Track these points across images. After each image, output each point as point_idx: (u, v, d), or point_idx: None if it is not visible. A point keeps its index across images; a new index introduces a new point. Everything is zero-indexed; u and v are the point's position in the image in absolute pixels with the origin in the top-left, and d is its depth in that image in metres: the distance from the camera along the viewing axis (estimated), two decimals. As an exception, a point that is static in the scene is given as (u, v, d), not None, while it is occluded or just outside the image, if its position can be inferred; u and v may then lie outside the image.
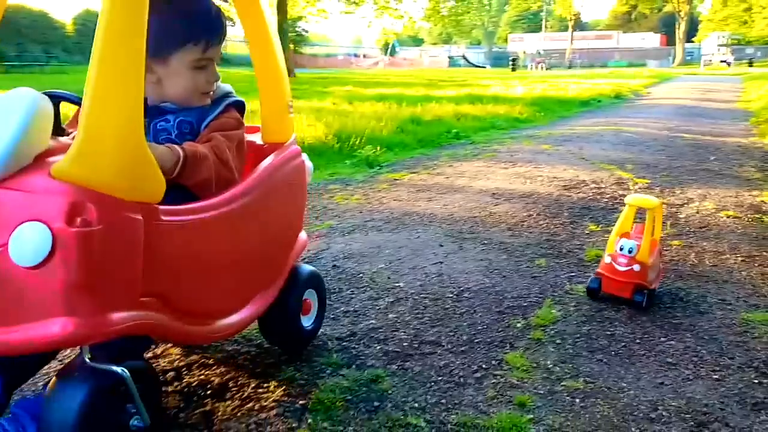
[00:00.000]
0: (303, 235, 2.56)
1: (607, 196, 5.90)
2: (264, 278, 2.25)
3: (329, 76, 30.54)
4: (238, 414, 2.24)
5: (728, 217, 5.18)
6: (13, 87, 1.64)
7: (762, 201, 5.74)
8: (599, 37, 74.00)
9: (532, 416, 2.30)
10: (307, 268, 2.62)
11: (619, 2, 76.98)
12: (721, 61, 55.56)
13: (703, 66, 55.30)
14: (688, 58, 64.87)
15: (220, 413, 2.24)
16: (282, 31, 27.98)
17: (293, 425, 2.18)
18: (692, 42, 70.16)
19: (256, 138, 2.39)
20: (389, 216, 5.09)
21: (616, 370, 2.67)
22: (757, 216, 5.22)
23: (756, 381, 2.63)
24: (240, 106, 2.25)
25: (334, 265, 3.87)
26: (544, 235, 4.62)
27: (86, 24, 38.96)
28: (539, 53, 60.68)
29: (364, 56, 59.03)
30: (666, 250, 4.27)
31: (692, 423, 2.30)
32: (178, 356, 2.65)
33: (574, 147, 9.04)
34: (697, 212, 5.32)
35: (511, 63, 50.46)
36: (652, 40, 70.37)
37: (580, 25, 78.26)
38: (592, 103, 18.05)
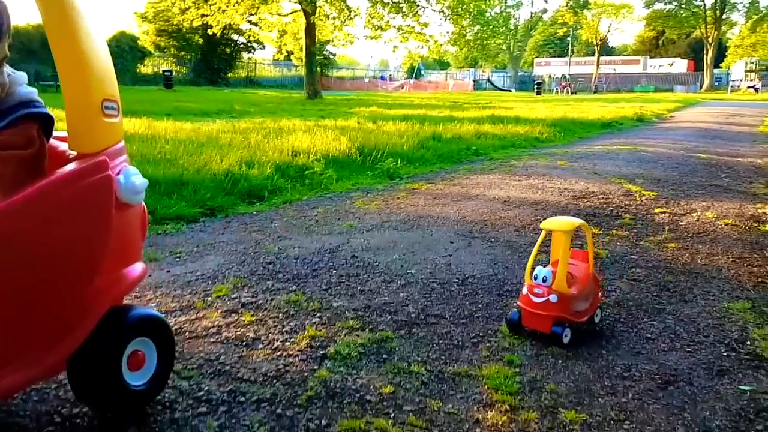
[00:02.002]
0: (136, 267, 2.05)
1: (614, 205, 6.24)
2: (43, 325, 1.77)
3: (355, 98, 31.32)
4: (269, 359, 2.67)
5: (727, 225, 5.48)
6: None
7: (764, 212, 6.02)
8: (626, 62, 74.04)
9: (518, 370, 2.68)
10: (142, 311, 2.10)
11: (646, 27, 76.97)
12: (749, 87, 55.24)
13: (730, 91, 55.04)
14: (716, 83, 64.54)
15: (254, 357, 2.67)
16: (310, 55, 28.88)
17: (314, 368, 2.60)
18: (720, 68, 69.80)
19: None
20: (405, 218, 5.51)
21: (597, 342, 3.03)
22: (755, 225, 5.52)
23: (725, 354, 2.97)
24: (44, 119, 1.93)
25: (353, 256, 4.29)
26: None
27: (120, 45, 40.53)
28: (565, 77, 61.04)
29: (383, 77, 60.05)
30: (661, 252, 4.61)
31: (659, 381, 2.66)
32: (217, 317, 3.09)
33: (588, 163, 9.37)
34: (698, 220, 5.64)
35: (536, 87, 50.82)
36: (680, 65, 70.18)
37: (607, 50, 78.30)
38: (613, 125, 18.30)
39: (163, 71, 37.97)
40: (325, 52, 47.60)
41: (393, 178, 7.87)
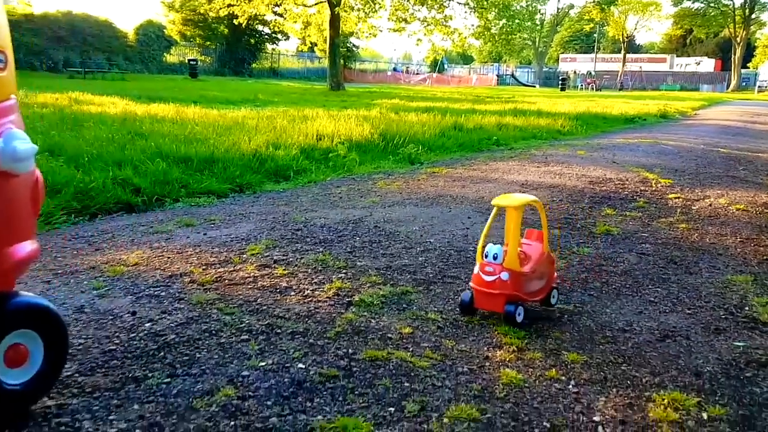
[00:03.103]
0: (24, 246, 1.76)
1: (629, 190, 6.41)
2: None
3: (377, 91, 31.55)
4: (301, 303, 2.94)
5: (738, 210, 5.64)
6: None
7: (777, 201, 6.15)
8: (652, 60, 73.17)
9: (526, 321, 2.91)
10: (27, 299, 1.82)
11: (674, 26, 75.94)
12: (777, 87, 54.34)
13: (757, 91, 54.22)
14: (744, 83, 63.56)
15: (287, 301, 2.94)
16: (333, 46, 29.12)
17: (341, 311, 2.87)
18: (748, 68, 68.68)
19: None
20: (425, 196, 5.75)
21: (603, 302, 3.26)
22: (766, 211, 5.66)
23: (723, 317, 3.17)
24: None
25: (376, 226, 4.55)
26: (563, 214, 5.20)
27: (147, 34, 41.12)
28: (590, 74, 60.52)
29: (407, 70, 60.03)
30: (672, 231, 4.80)
31: (658, 335, 2.87)
32: (252, 270, 3.38)
33: (607, 153, 9.51)
34: (710, 206, 5.80)
35: (560, 83, 50.54)
36: (707, 64, 69.19)
37: (633, 48, 77.39)
38: (636, 120, 18.30)
39: (189, 60, 38.49)
40: (348, 45, 47.81)
41: (414, 164, 8.10)
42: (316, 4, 30.25)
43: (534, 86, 60.86)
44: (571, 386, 2.33)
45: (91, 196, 5.08)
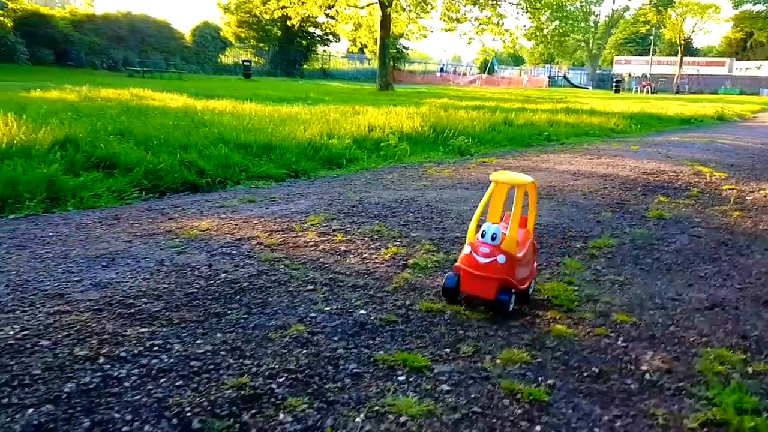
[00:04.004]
0: None
1: (683, 181, 6.38)
2: None
3: (426, 91, 31.66)
4: (360, 263, 3.13)
5: (796, 201, 5.55)
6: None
7: (837, 194, 6.02)
8: (710, 63, 70.77)
9: (576, 288, 3.02)
10: None
11: (734, 29, 73.34)
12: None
13: (824, 96, 51.84)
14: (809, 88, 60.77)
15: (347, 261, 3.13)
16: (383, 47, 29.37)
17: (398, 271, 3.04)
18: (813, 71, 65.66)
19: None
20: (475, 181, 5.87)
21: (654, 276, 3.32)
22: (826, 203, 5.56)
23: (774, 293, 3.19)
24: None
25: (428, 205, 4.71)
26: (615, 200, 5.24)
27: (203, 35, 42.29)
28: (645, 76, 59.06)
29: (455, 70, 59.82)
30: (724, 218, 4.78)
31: (707, 304, 2.94)
32: (313, 236, 3.59)
33: (662, 149, 9.40)
34: (765, 197, 5.72)
35: (614, 85, 49.52)
36: (768, 68, 66.50)
37: (690, 50, 75.03)
38: (692, 121, 17.87)
39: (243, 61, 39.42)
40: (398, 46, 48.07)
41: (464, 155, 8.20)
42: (367, 5, 30.59)
43: (587, 88, 59.75)
44: (619, 342, 2.44)
45: (160, 176, 5.39)
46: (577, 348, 2.35)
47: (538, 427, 1.80)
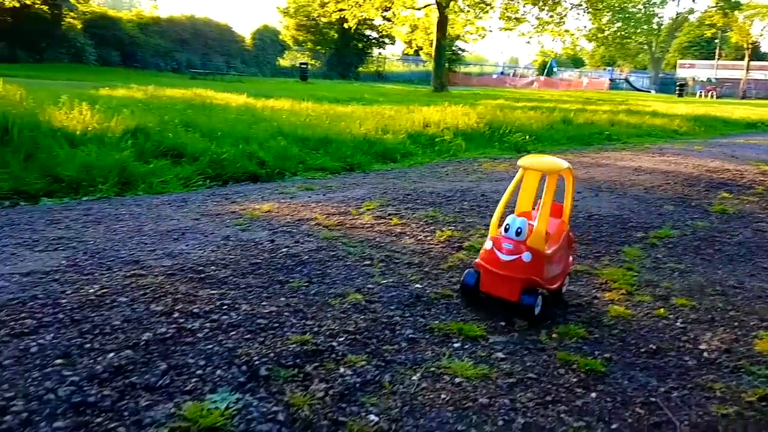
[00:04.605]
0: None
1: (747, 179, 6.17)
2: None
3: (481, 93, 31.46)
4: (415, 244, 3.19)
5: None
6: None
7: None
8: (780, 68, 67.53)
9: (635, 274, 2.99)
10: None
11: (809, 30, 69.67)
12: None
13: None
14: None
15: (402, 242, 3.20)
16: (439, 48, 29.35)
17: (452, 252, 3.09)
18: None
19: None
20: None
21: (715, 265, 3.25)
22: None
23: None
24: None
25: (482, 195, 4.73)
26: (677, 194, 5.12)
27: (263, 38, 43.23)
28: (710, 80, 56.91)
29: (514, 73, 59.04)
30: (795, 214, 4.61)
31: (773, 293, 2.86)
32: (369, 219, 3.67)
33: (726, 150, 9.09)
34: (840, 195, 5.47)
35: (678, 89, 47.95)
36: None
37: (758, 55, 71.76)
38: (759, 125, 17.14)
39: (300, 64, 40.09)
40: (454, 48, 47.90)
41: (520, 151, 8.14)
42: (424, 6, 30.65)
43: (649, 92, 57.99)
44: (678, 323, 2.41)
45: (224, 165, 5.59)
46: (635, 327, 2.34)
47: (593, 394, 1.82)
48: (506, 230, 2.31)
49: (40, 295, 2.22)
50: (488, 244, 2.32)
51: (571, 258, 2.60)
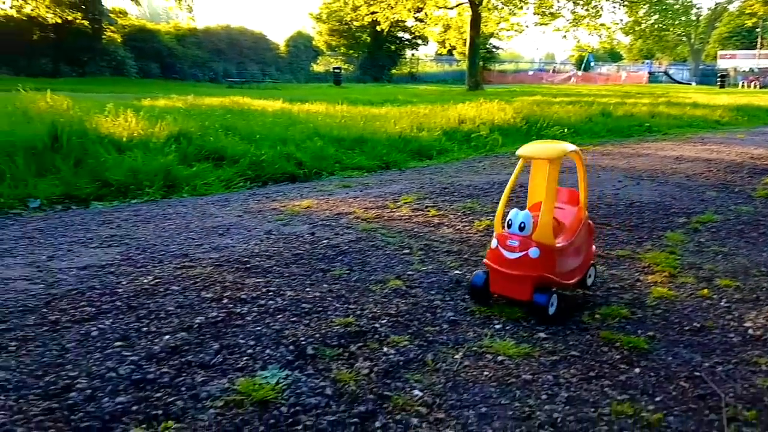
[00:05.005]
0: None
1: (795, 164, 6.00)
2: None
3: (517, 90, 31.20)
4: (453, 233, 3.22)
5: None
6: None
7: None
8: (829, 54, 64.96)
9: (678, 257, 2.96)
10: None
11: None
12: None
13: None
14: None
15: (441, 231, 3.24)
16: (473, 46, 29.21)
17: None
18: None
19: None
20: (572, 166, 5.78)
21: (759, 248, 3.19)
22: None
23: None
24: None
25: (521, 186, 4.70)
26: (720, 181, 5.02)
27: (297, 45, 43.73)
28: (752, 71, 55.15)
29: (554, 71, 58.20)
30: None
31: (822, 273, 2.79)
32: (407, 212, 3.72)
33: (772, 137, 8.84)
34: None
35: (719, 80, 46.62)
36: None
37: (806, 40, 69.11)
38: (806, 113, 16.58)
39: (333, 69, 40.42)
40: (488, 46, 47.58)
41: (558, 145, 8.07)
42: (456, 5, 30.57)
43: (690, 84, 56.50)
44: (722, 303, 2.39)
45: (263, 167, 5.72)
46: (678, 307, 2.33)
47: (637, 369, 1.83)
48: (509, 226, 2.15)
49: (97, 286, 2.34)
50: (494, 243, 2.18)
51: (594, 248, 2.42)
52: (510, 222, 2.15)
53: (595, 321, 2.17)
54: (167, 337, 1.90)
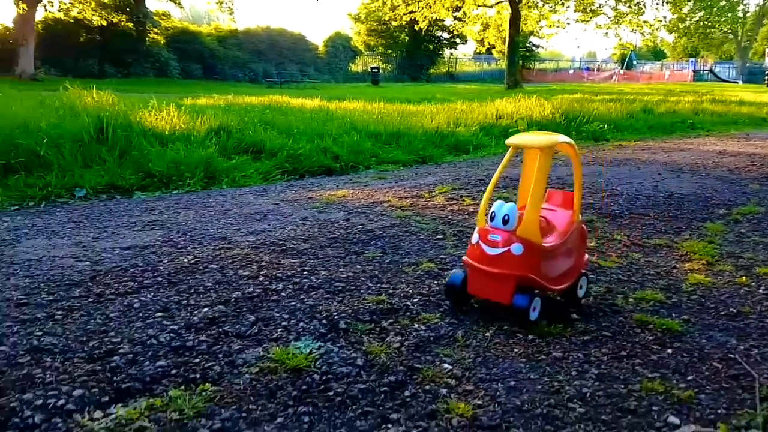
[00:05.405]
0: None
1: None
2: None
3: (557, 88, 30.80)
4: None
5: None
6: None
7: None
8: None
9: (717, 247, 2.91)
10: None
11: None
12: None
13: None
14: None
15: (474, 220, 3.25)
16: (512, 44, 28.94)
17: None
18: None
19: None
20: (612, 159, 5.72)
21: (806, 238, 3.10)
22: None
23: None
24: None
25: (558, 177, 4.69)
26: (764, 174, 4.90)
27: (335, 45, 44.01)
28: (804, 68, 53.12)
29: (598, 68, 57.14)
30: None
31: None
32: (441, 201, 3.73)
33: (824, 132, 8.54)
34: None
35: (766, 78, 45.10)
36: None
37: None
38: None
39: (371, 68, 40.56)
40: (527, 44, 47.07)
41: (598, 140, 7.97)
42: (496, 4, 30.35)
43: (736, 83, 54.83)
44: (761, 290, 2.34)
45: (300, 160, 5.80)
46: (715, 293, 2.29)
47: (669, 350, 1.81)
48: (492, 219, 1.93)
49: (139, 264, 2.43)
50: (474, 237, 1.97)
51: (586, 257, 2.18)
52: (493, 214, 1.93)
53: (629, 304, 2.16)
54: (205, 309, 1.97)
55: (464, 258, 1.99)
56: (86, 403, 1.42)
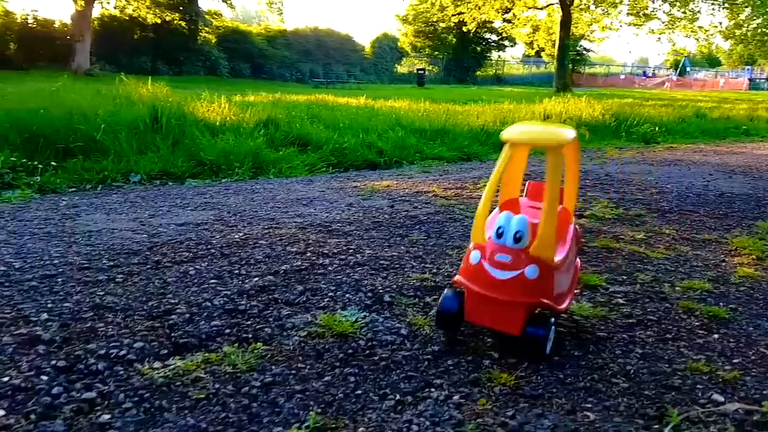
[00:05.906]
0: None
1: None
2: None
3: (607, 92, 30.22)
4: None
5: None
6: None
7: None
8: None
9: (765, 242, 2.84)
10: None
11: None
12: None
13: None
14: None
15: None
16: (563, 47, 28.52)
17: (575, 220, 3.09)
18: None
19: None
20: (662, 160, 5.62)
21: None
22: None
23: None
24: None
25: (606, 174, 4.65)
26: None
27: (382, 46, 44.20)
28: None
29: (652, 74, 55.84)
30: None
31: None
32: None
33: None
34: None
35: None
36: None
37: None
38: None
39: (417, 70, 40.59)
40: (578, 48, 46.32)
41: (649, 143, 7.81)
42: (546, 6, 29.98)
43: (796, 91, 52.65)
44: (816, 286, 2.28)
45: (345, 154, 5.88)
46: (764, 286, 2.25)
47: (715, 335, 1.79)
48: (499, 236, 1.59)
49: (193, 238, 2.53)
50: (474, 256, 1.61)
51: (578, 261, 1.90)
52: (501, 231, 1.59)
53: (675, 292, 2.14)
54: (256, 278, 2.04)
55: (458, 278, 1.64)
56: (146, 354, 1.51)
